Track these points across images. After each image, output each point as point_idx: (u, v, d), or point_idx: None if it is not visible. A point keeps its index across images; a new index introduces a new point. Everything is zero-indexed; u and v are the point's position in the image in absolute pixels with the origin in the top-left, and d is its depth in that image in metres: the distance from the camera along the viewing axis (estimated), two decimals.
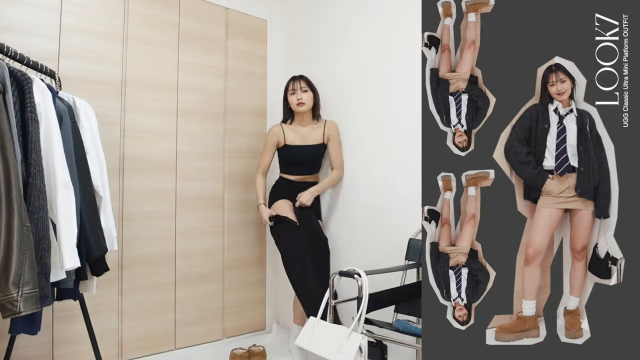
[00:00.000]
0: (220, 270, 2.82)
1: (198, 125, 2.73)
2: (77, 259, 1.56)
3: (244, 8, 2.98)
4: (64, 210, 1.54)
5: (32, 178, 1.40)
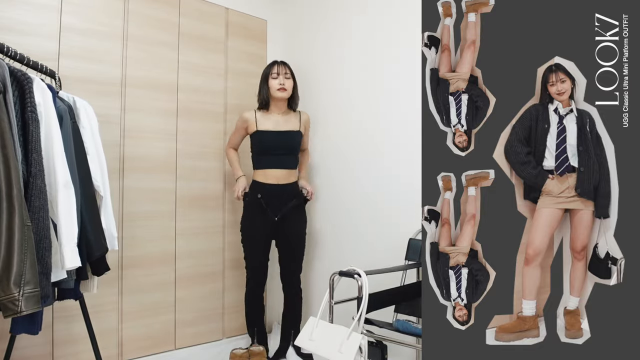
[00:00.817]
0: (220, 270, 2.82)
1: (198, 125, 2.73)
2: (77, 259, 1.56)
3: (244, 8, 2.98)
4: (65, 209, 1.54)
5: (33, 178, 1.40)
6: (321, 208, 2.85)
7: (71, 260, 1.54)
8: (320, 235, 2.86)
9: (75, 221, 1.59)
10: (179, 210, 2.63)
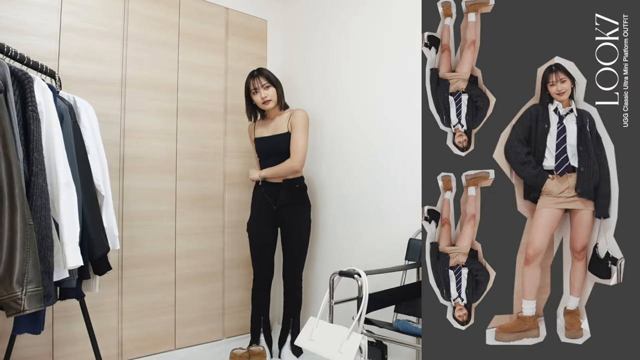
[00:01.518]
0: (220, 270, 2.82)
1: (198, 125, 2.73)
2: (79, 258, 1.56)
3: (244, 8, 2.98)
4: (66, 209, 1.54)
5: (35, 177, 1.40)
6: (321, 208, 2.85)
7: (73, 260, 1.53)
8: (320, 235, 2.86)
9: (77, 220, 1.59)
10: (179, 210, 2.63)
